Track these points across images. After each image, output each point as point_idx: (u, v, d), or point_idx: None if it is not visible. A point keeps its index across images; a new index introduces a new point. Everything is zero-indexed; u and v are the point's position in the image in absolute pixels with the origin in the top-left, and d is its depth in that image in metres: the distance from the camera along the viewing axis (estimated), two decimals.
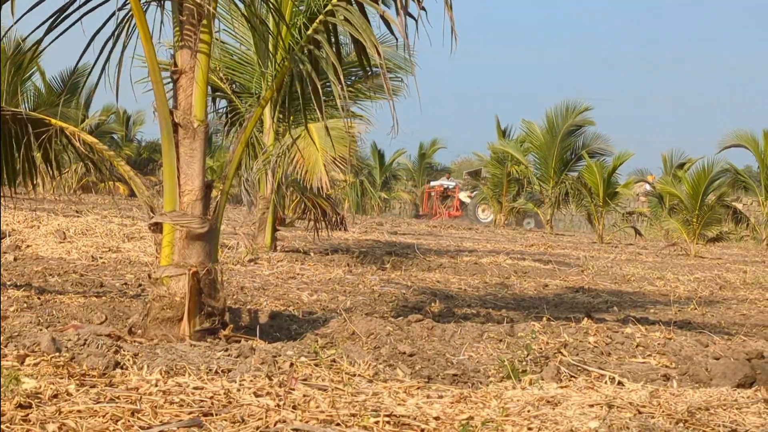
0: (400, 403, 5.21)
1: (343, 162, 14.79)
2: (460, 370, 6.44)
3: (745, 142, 37.49)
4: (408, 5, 6.67)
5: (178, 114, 6.76)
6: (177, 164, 6.75)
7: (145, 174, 39.61)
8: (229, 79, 16.43)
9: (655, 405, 5.33)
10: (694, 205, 26.73)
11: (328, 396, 5.18)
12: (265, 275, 12.38)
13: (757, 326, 10.50)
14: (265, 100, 7.56)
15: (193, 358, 5.85)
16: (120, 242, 15.33)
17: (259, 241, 15.99)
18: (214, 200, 6.99)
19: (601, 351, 7.21)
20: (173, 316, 6.68)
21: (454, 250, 20.26)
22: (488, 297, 11.91)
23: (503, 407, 5.15)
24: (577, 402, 5.34)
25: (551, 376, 6.27)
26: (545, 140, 38.07)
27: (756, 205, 38.47)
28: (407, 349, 6.78)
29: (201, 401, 4.92)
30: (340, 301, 10.36)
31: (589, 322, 8.20)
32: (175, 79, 6.83)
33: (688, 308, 11.97)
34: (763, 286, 16.02)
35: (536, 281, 14.43)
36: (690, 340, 7.77)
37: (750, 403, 5.50)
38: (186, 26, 6.75)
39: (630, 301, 12.54)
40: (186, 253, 6.74)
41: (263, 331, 7.47)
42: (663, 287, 15.00)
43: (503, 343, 7.31)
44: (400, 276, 13.62)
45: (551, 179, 37.58)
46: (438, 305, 10.38)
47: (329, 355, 6.08)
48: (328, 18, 7.09)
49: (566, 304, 11.72)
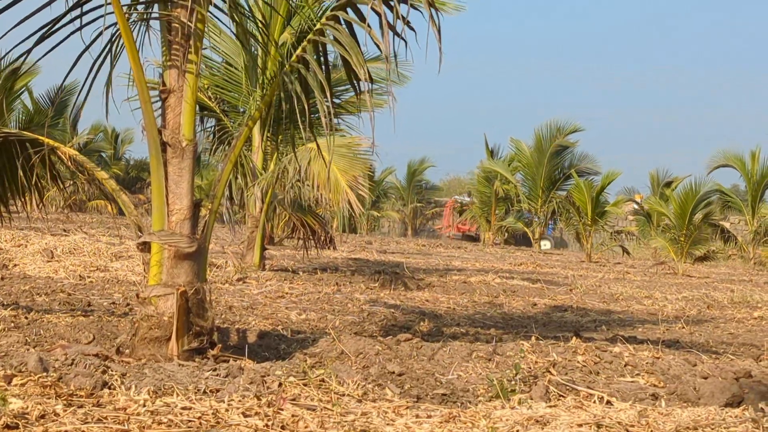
0: (389, 422, 5.20)
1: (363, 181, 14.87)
2: (449, 390, 6.43)
3: (733, 162, 37.72)
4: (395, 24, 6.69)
5: (167, 133, 6.75)
6: (165, 183, 6.74)
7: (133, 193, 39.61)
8: (218, 97, 16.45)
9: (643, 424, 5.32)
10: (681, 224, 26.82)
11: (316, 416, 5.17)
12: (254, 294, 12.36)
13: (744, 345, 10.51)
14: (253, 119, 7.55)
15: (182, 378, 5.82)
16: (108, 261, 15.30)
17: (247, 260, 15.97)
18: (202, 219, 6.98)
19: (590, 370, 7.20)
20: (161, 336, 6.66)
21: (443, 269, 20.26)
22: (477, 316, 11.91)
23: (492, 427, 5.14)
24: (566, 421, 5.33)
25: (540, 395, 6.26)
26: (533, 159, 38.24)
27: (743, 224, 38.60)
28: (396, 369, 6.76)
29: (189, 421, 4.90)
30: (329, 321, 10.34)
31: (578, 341, 8.20)
32: (164, 98, 6.82)
33: (676, 327, 11.98)
34: (751, 305, 16.05)
35: (525, 300, 14.43)
36: (678, 360, 7.77)
37: (738, 422, 5.50)
38: (174, 45, 6.74)
39: (618, 320, 12.54)
40: (174, 272, 6.72)
41: (252, 351, 7.45)
42: (651, 306, 15.01)
43: (492, 363, 7.30)
44: (389, 295, 13.61)
45: (539, 198, 37.70)
46: (427, 324, 10.37)
47: (318, 375, 6.06)
48: (318, 37, 7.11)
49: (555, 323, 11.71)
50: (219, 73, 16.55)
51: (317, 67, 7.05)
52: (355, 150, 15.23)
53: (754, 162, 37.04)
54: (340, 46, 6.92)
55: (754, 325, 13.03)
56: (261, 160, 16.15)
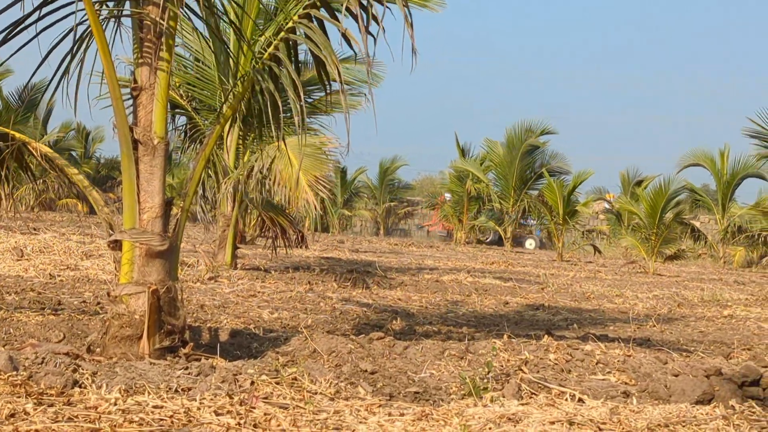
0: (362, 421, 5.20)
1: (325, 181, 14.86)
2: (422, 388, 6.43)
3: (703, 161, 37.93)
4: (369, 24, 6.68)
5: (138, 131, 6.72)
6: (137, 181, 6.71)
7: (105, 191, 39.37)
8: (189, 95, 16.39)
9: (615, 422, 5.34)
10: (652, 223, 26.93)
11: (289, 414, 5.15)
12: (226, 293, 12.32)
13: (715, 343, 10.57)
14: (225, 117, 7.52)
15: (153, 376, 5.80)
16: (78, 260, 15.23)
17: (219, 259, 15.93)
18: (174, 217, 6.95)
19: (562, 368, 7.22)
20: (132, 335, 6.62)
21: (416, 267, 20.28)
22: (449, 315, 11.92)
23: (465, 425, 5.15)
24: (538, 419, 5.35)
25: (512, 393, 6.27)
26: (505, 159, 38.33)
27: (713, 223, 38.84)
28: (369, 367, 6.76)
29: (161, 420, 4.88)
30: (301, 319, 10.33)
31: (550, 339, 8.23)
32: (135, 96, 6.79)
33: (647, 325, 12.03)
34: (721, 304, 16.15)
35: (497, 299, 14.46)
36: (649, 357, 7.80)
37: (709, 419, 5.53)
38: (146, 43, 6.71)
39: (590, 319, 12.58)
40: (146, 270, 6.69)
41: (224, 350, 7.43)
42: (622, 305, 15.08)
43: (464, 361, 7.31)
44: (362, 294, 13.61)
45: (511, 197, 37.80)
46: (399, 323, 10.37)
47: (290, 374, 6.05)
48: (290, 35, 7.09)
49: (527, 322, 11.74)
50: (191, 70, 16.49)
51: (289, 65, 7.03)
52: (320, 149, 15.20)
53: (723, 161, 37.27)
54: (313, 44, 6.90)
55: (724, 324, 13.11)
56: (233, 158, 16.12)
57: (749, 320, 13.67)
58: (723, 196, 37.03)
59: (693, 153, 38.55)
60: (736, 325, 13.05)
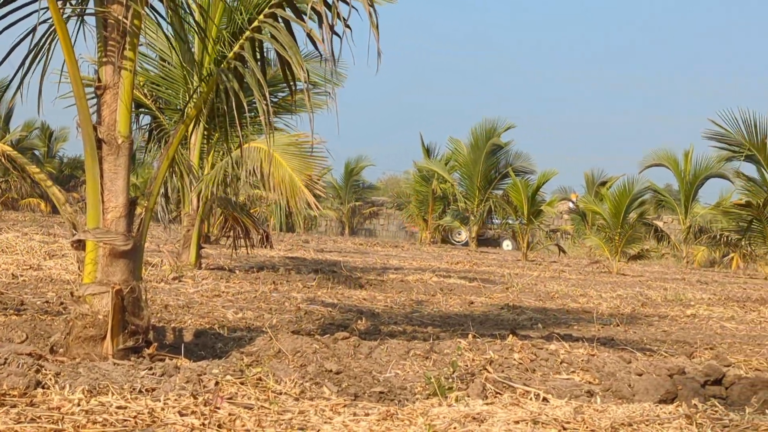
0: (327, 421, 5.19)
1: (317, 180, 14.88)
2: (387, 388, 6.44)
3: (666, 161, 38.16)
4: (335, 24, 6.69)
5: (102, 130, 6.68)
6: (101, 181, 6.67)
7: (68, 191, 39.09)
8: (153, 94, 16.30)
9: (579, 421, 5.37)
10: (616, 222, 27.08)
11: (253, 414, 5.14)
12: (190, 293, 12.27)
13: (678, 342, 10.64)
14: (189, 117, 7.49)
15: (117, 377, 5.77)
16: (41, 260, 15.12)
17: (183, 259, 15.87)
18: (138, 217, 6.91)
19: (526, 368, 7.25)
20: (96, 335, 6.59)
21: (381, 267, 20.29)
22: (414, 314, 11.93)
23: (430, 424, 5.16)
24: (503, 418, 5.36)
25: (477, 392, 6.29)
26: (470, 158, 38.39)
27: (676, 223, 39.12)
28: (334, 367, 6.76)
29: (124, 421, 4.86)
30: (266, 319, 10.30)
31: (514, 339, 8.25)
32: (99, 95, 6.75)
33: (610, 325, 12.10)
34: (684, 303, 16.27)
35: (462, 298, 14.49)
36: (613, 357, 7.85)
37: (672, 418, 5.56)
38: (110, 41, 6.68)
39: (554, 318, 12.64)
40: (109, 270, 6.65)
41: (188, 350, 7.40)
42: (586, 304, 15.15)
43: (429, 361, 7.32)
44: (327, 294, 13.59)
45: (476, 197, 37.88)
46: (364, 323, 10.37)
47: (255, 374, 6.04)
48: (255, 34, 7.08)
49: (491, 321, 11.77)
50: (155, 69, 16.40)
51: (255, 65, 7.02)
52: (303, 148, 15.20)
53: (686, 161, 37.51)
54: (278, 44, 6.89)
55: (687, 323, 13.20)
56: (197, 158, 16.05)
57: (712, 320, 13.78)
58: (686, 196, 37.29)
59: (656, 153, 38.78)
60: (699, 324, 13.15)
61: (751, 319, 14.30)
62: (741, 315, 14.77)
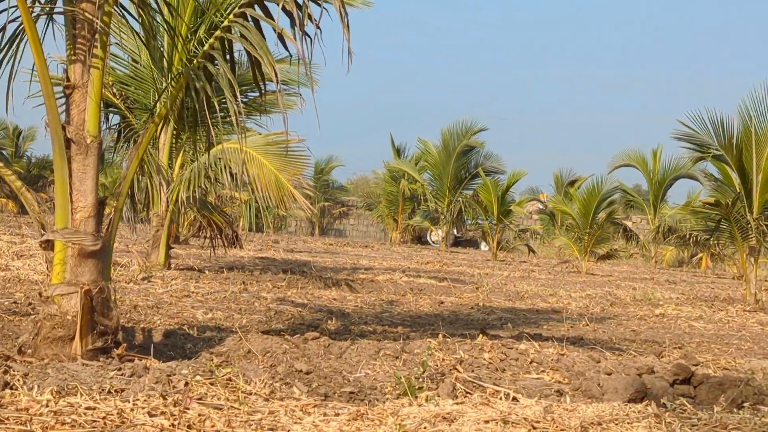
0: (297, 421, 5.19)
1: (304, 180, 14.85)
2: (357, 388, 6.44)
3: (635, 161, 38.38)
4: (306, 24, 6.68)
5: (71, 129, 6.65)
6: (69, 180, 6.64)
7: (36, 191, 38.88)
8: (123, 94, 16.21)
9: (548, 420, 5.39)
10: (585, 222, 27.19)
11: (223, 415, 5.13)
12: (159, 293, 12.22)
13: (647, 342, 10.70)
14: (159, 117, 7.46)
15: (86, 377, 5.74)
16: (9, 260, 15.02)
17: (152, 259, 15.80)
18: (107, 217, 6.88)
19: (496, 367, 7.27)
20: (65, 336, 6.55)
21: (351, 267, 20.28)
22: (384, 314, 11.93)
23: (400, 424, 5.16)
24: (473, 418, 5.37)
25: (447, 392, 6.30)
26: (440, 159, 38.43)
27: (645, 223, 39.33)
28: (304, 367, 6.75)
29: (93, 421, 4.84)
30: (236, 320, 10.28)
31: (484, 338, 8.27)
32: (68, 94, 6.71)
33: (580, 324, 12.15)
34: (653, 303, 16.36)
35: (432, 298, 14.51)
36: (582, 356, 7.88)
37: (641, 417, 5.59)
38: (79, 40, 6.64)
39: (524, 318, 12.67)
40: (78, 271, 6.62)
41: (157, 350, 7.37)
42: (556, 304, 15.21)
43: (399, 360, 7.33)
44: (297, 294, 13.57)
45: (446, 197, 37.93)
46: (334, 323, 10.36)
47: (225, 374, 6.02)
48: (225, 34, 7.06)
49: (461, 321, 11.79)
50: (125, 69, 16.31)
51: (224, 64, 7.00)
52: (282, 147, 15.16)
53: (655, 161, 37.73)
54: (248, 44, 6.88)
55: (656, 322, 13.28)
56: (167, 158, 15.98)
57: (680, 319, 13.87)
58: (654, 196, 37.51)
59: (625, 153, 39.00)
60: (668, 324, 13.23)
61: (719, 318, 14.41)
62: (709, 314, 14.87)
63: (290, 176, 14.62)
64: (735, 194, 16.93)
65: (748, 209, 16.67)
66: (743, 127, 16.67)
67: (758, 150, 16.53)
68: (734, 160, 16.68)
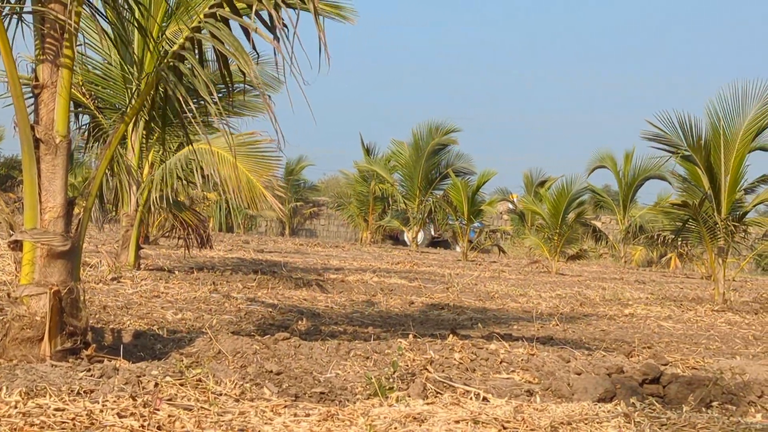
0: (267, 421, 5.18)
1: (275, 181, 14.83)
2: (328, 388, 6.44)
3: (606, 162, 38.54)
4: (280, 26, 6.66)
5: (40, 129, 6.61)
6: (38, 180, 6.60)
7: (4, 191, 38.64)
8: (92, 94, 16.13)
9: (519, 420, 5.40)
10: (555, 223, 27.27)
11: (193, 416, 5.12)
12: (129, 294, 12.17)
13: (616, 342, 10.76)
14: (129, 117, 7.44)
15: (55, 378, 5.71)
16: None
17: (122, 260, 15.73)
18: (76, 217, 6.85)
19: (467, 367, 7.29)
20: (33, 336, 6.51)
21: (321, 268, 20.27)
22: (355, 315, 11.93)
23: (370, 424, 5.16)
24: (443, 418, 5.38)
25: (418, 392, 6.31)
26: (411, 159, 38.43)
27: (614, 223, 39.51)
28: (274, 368, 6.74)
29: (63, 423, 4.81)
30: (206, 320, 10.25)
31: (455, 338, 8.29)
32: (37, 94, 6.67)
33: (550, 324, 12.19)
34: (622, 303, 16.44)
35: (402, 298, 14.52)
36: (552, 356, 7.91)
37: (611, 417, 5.62)
38: (48, 39, 6.61)
39: (494, 318, 12.70)
40: (47, 271, 6.58)
41: (127, 351, 7.34)
42: (526, 304, 15.25)
43: (370, 361, 7.33)
44: (267, 294, 13.55)
45: (417, 197, 37.94)
46: (305, 323, 10.35)
47: (195, 375, 6.00)
48: (196, 34, 7.04)
49: (432, 321, 11.81)
50: (94, 69, 16.24)
51: (196, 64, 6.98)
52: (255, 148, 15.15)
53: (627, 163, 37.90)
54: (220, 44, 6.86)
55: (625, 322, 13.34)
56: (137, 158, 15.92)
57: (649, 319, 13.94)
58: (624, 196, 37.68)
59: (599, 154, 39.17)
60: (637, 323, 13.30)
61: (687, 318, 14.50)
62: (678, 314, 14.96)
63: (261, 177, 14.60)
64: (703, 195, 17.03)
65: (716, 209, 16.78)
66: (712, 128, 16.78)
67: (726, 151, 16.64)
68: (703, 160, 16.79)
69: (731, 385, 7.00)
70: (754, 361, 9.24)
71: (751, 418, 6.23)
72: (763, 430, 5.52)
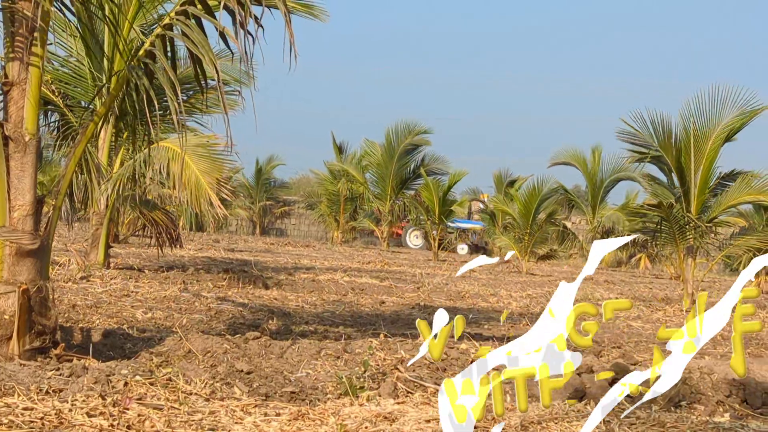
0: (238, 421, 5.17)
1: (225, 182, 14.82)
2: (298, 388, 6.43)
3: (574, 160, 38.43)
4: (247, 23, 6.66)
5: (9, 127, 6.57)
6: (7, 179, 6.56)
7: None
8: (62, 92, 16.04)
9: (490, 419, 5.41)
10: (525, 223, 27.32)
11: (163, 415, 5.10)
12: (98, 293, 12.11)
13: None
14: (98, 115, 7.40)
15: (23, 377, 5.68)
16: None
17: (91, 258, 15.65)
18: (45, 216, 6.81)
19: (437, 367, 7.29)
20: (2, 335, 6.48)
21: (292, 267, 20.24)
22: (326, 314, 11.92)
23: (341, 424, 5.16)
24: (414, 417, 5.39)
25: (388, 392, 6.31)
26: (383, 158, 38.36)
27: (584, 223, 39.60)
28: (244, 367, 6.73)
29: (31, 422, 4.79)
30: (176, 319, 10.22)
31: None
32: (6, 92, 6.64)
33: (520, 324, 12.23)
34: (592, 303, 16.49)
35: (373, 298, 14.52)
36: None
37: (581, 416, 5.65)
38: (17, 37, 6.57)
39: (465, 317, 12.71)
40: (16, 270, 6.55)
41: (96, 350, 7.31)
42: (496, 303, 15.29)
43: (341, 360, 7.33)
44: (237, 293, 13.52)
45: (389, 197, 37.91)
46: (275, 322, 10.34)
47: (165, 374, 5.99)
48: (166, 32, 7.01)
49: (403, 321, 11.82)
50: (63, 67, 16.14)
51: (165, 62, 6.95)
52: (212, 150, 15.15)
53: (595, 161, 37.86)
54: (190, 42, 6.84)
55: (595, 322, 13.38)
56: (106, 156, 15.84)
57: (619, 319, 14.00)
58: (593, 197, 37.72)
59: (565, 150, 39.03)
60: (607, 323, 13.35)
61: (656, 318, 14.57)
62: (647, 314, 15.03)
63: (211, 178, 14.62)
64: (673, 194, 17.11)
65: (686, 209, 16.85)
66: (683, 127, 16.84)
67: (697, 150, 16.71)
68: (673, 160, 16.85)
69: (699, 384, 7.04)
70: (722, 361, 9.29)
71: (719, 417, 6.27)
72: (731, 429, 5.55)
